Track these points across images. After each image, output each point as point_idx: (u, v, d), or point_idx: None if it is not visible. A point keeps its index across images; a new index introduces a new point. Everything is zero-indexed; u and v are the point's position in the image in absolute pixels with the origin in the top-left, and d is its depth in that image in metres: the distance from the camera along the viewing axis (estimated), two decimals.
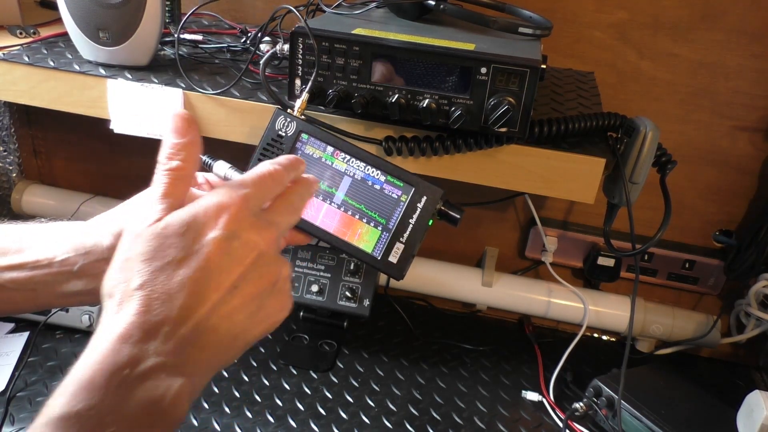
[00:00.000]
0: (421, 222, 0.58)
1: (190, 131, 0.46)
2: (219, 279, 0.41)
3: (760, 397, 0.88)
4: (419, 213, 0.58)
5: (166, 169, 0.44)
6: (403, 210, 0.59)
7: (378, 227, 0.59)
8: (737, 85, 1.01)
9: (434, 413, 0.96)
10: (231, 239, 0.42)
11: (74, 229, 0.55)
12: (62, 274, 0.53)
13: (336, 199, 0.60)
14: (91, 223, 0.55)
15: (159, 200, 0.43)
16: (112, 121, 0.81)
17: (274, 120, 0.63)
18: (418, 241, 0.58)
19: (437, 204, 0.58)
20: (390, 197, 0.59)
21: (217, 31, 1.01)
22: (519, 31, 0.75)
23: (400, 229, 0.59)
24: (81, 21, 0.79)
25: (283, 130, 0.62)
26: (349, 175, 0.60)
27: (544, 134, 0.72)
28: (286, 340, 1.09)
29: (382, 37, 0.68)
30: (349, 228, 0.60)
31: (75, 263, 0.53)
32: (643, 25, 1.00)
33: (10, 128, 1.25)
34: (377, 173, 0.60)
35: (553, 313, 1.14)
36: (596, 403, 0.93)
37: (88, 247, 0.53)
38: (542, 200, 1.15)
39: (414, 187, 0.59)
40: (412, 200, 0.59)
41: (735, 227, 1.10)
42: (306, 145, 0.62)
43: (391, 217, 0.59)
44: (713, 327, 1.10)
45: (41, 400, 0.91)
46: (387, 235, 0.59)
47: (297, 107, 0.66)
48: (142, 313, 0.39)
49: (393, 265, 0.59)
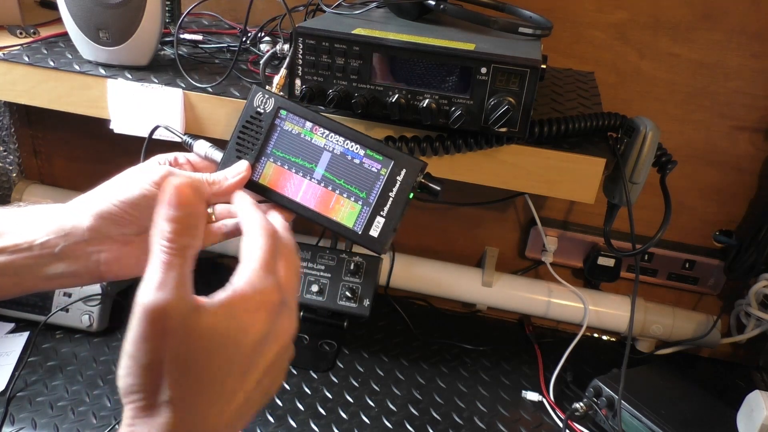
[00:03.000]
0: (402, 195, 0.58)
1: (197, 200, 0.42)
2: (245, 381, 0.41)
3: (760, 397, 0.88)
4: (399, 186, 0.58)
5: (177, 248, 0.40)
6: (383, 183, 0.58)
7: (358, 201, 0.59)
8: (737, 85, 1.01)
9: (434, 413, 0.96)
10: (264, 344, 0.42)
11: (53, 211, 0.55)
12: (43, 257, 0.53)
13: (316, 175, 0.60)
14: (69, 205, 0.55)
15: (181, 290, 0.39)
16: (112, 121, 0.81)
17: (252, 97, 0.62)
18: (399, 214, 0.58)
19: (417, 176, 0.58)
20: (370, 171, 0.59)
21: (217, 31, 1.01)
22: (519, 31, 0.75)
23: (380, 202, 0.58)
24: (81, 21, 0.79)
25: (261, 106, 0.61)
26: (329, 150, 0.60)
27: (545, 134, 0.72)
28: None
29: (383, 37, 0.68)
30: (329, 203, 0.59)
31: (56, 245, 0.53)
32: (643, 25, 1.00)
33: (10, 128, 1.26)
34: (357, 147, 0.59)
35: (553, 313, 1.14)
36: (596, 403, 0.93)
37: (67, 228, 0.53)
38: (542, 200, 1.14)
39: (393, 160, 0.58)
40: (392, 173, 0.58)
41: (735, 227, 1.10)
42: (285, 121, 0.61)
43: (372, 191, 0.58)
44: (713, 327, 1.10)
45: (41, 400, 0.91)
46: (367, 209, 0.58)
47: (275, 83, 0.65)
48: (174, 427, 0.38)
49: (374, 239, 0.58)
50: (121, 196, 0.54)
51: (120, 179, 0.56)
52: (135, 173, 0.55)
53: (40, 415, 0.89)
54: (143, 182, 0.54)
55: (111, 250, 0.55)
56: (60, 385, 0.95)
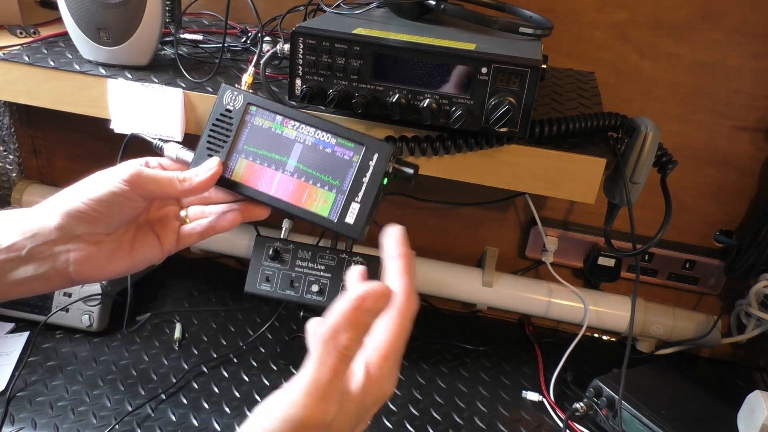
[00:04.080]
0: (375, 180, 0.58)
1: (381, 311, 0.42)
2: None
3: (760, 397, 0.88)
4: (372, 171, 0.58)
5: (350, 356, 0.41)
6: (356, 170, 0.58)
7: (332, 190, 0.59)
8: (738, 85, 1.01)
9: (434, 413, 0.96)
10: None
11: (19, 214, 0.54)
12: (11, 261, 0.52)
13: (288, 167, 0.60)
14: (36, 207, 0.55)
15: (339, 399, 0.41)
16: (112, 120, 0.81)
17: (221, 95, 0.62)
18: (374, 199, 0.58)
19: (389, 160, 0.58)
20: (342, 159, 0.59)
21: (217, 30, 1.01)
22: (519, 31, 0.75)
23: (354, 189, 0.58)
24: (81, 21, 0.79)
25: (231, 104, 0.62)
26: (300, 141, 0.60)
27: (545, 134, 0.72)
28: (286, 340, 1.10)
29: (383, 37, 0.68)
30: (303, 194, 0.60)
31: (23, 247, 0.52)
32: (643, 25, 1.00)
33: (10, 128, 1.25)
34: (327, 137, 0.59)
35: (554, 313, 1.14)
36: (596, 403, 0.93)
37: (34, 229, 0.53)
38: (543, 200, 1.14)
39: (364, 145, 0.58)
40: (364, 159, 0.58)
41: (735, 227, 1.10)
42: (255, 117, 0.62)
43: (345, 179, 0.58)
44: (713, 327, 1.10)
45: (41, 400, 0.91)
46: (342, 197, 0.58)
47: (244, 81, 0.66)
48: None
49: (350, 226, 0.58)
50: (90, 194, 0.54)
51: (89, 179, 0.56)
52: (104, 173, 0.56)
53: (40, 415, 0.89)
54: (113, 180, 0.54)
55: (80, 249, 0.54)
56: (60, 385, 0.95)
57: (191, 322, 1.12)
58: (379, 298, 0.40)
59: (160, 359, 1.02)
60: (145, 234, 0.60)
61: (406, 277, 0.44)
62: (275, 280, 1.01)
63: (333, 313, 0.40)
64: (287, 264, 1.01)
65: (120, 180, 0.54)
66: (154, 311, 1.12)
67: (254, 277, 1.01)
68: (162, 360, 1.02)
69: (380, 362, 0.43)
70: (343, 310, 0.40)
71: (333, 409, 0.39)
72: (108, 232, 0.56)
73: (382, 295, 0.41)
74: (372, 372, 0.42)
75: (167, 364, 1.01)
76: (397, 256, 0.45)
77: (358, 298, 0.40)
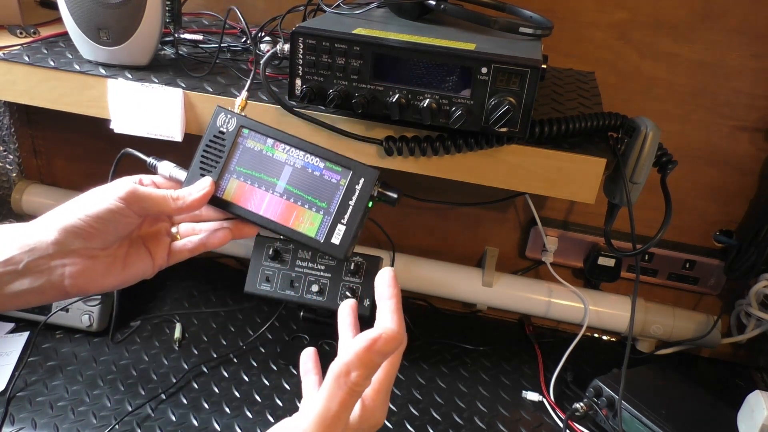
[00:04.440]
0: (361, 203, 0.60)
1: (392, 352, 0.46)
2: None
3: (760, 397, 0.88)
4: (358, 194, 0.60)
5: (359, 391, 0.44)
6: (343, 193, 0.61)
7: (320, 212, 0.61)
8: (738, 85, 1.01)
9: (434, 413, 0.96)
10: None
11: (16, 229, 0.56)
12: (8, 274, 0.54)
13: (278, 188, 0.63)
14: (33, 222, 0.56)
15: None
16: (112, 120, 0.81)
17: (215, 118, 0.64)
18: (360, 221, 0.60)
19: (374, 184, 0.60)
20: (330, 182, 0.61)
21: (217, 30, 1.01)
22: (520, 31, 0.75)
23: (340, 211, 0.61)
24: (81, 21, 0.79)
25: (224, 126, 0.64)
26: (290, 164, 0.62)
27: (545, 134, 0.72)
28: (286, 340, 1.10)
29: (383, 37, 0.68)
30: (291, 215, 0.62)
31: (20, 261, 0.54)
32: (643, 25, 1.00)
33: (10, 128, 1.25)
34: (316, 160, 0.62)
35: (554, 313, 1.14)
36: (596, 403, 0.93)
37: (32, 244, 0.54)
38: (542, 200, 1.14)
39: (351, 170, 0.61)
40: (351, 183, 0.61)
41: (735, 227, 1.10)
42: (247, 139, 0.64)
43: (332, 201, 0.61)
44: (713, 327, 1.10)
45: (41, 400, 0.91)
46: (329, 219, 0.61)
47: (237, 104, 0.68)
48: None
49: (335, 246, 0.61)
50: (87, 210, 0.55)
51: (85, 196, 0.58)
52: (101, 190, 0.57)
53: (40, 415, 0.89)
54: (109, 198, 0.56)
55: (76, 263, 0.56)
56: (60, 385, 0.95)
57: (191, 322, 1.12)
58: (390, 341, 0.44)
59: (160, 359, 1.02)
60: (138, 249, 0.62)
61: (396, 315, 0.48)
62: (275, 280, 1.01)
63: (346, 351, 0.43)
64: (287, 264, 1.01)
65: (116, 197, 0.56)
66: (150, 314, 1.12)
67: (254, 277, 1.02)
68: (162, 360, 1.02)
69: (374, 395, 0.47)
70: (356, 349, 0.43)
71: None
72: (103, 248, 0.58)
73: (393, 339, 0.44)
74: (367, 404, 0.47)
75: (167, 364, 1.01)
76: (389, 296, 0.49)
77: (372, 340, 0.43)
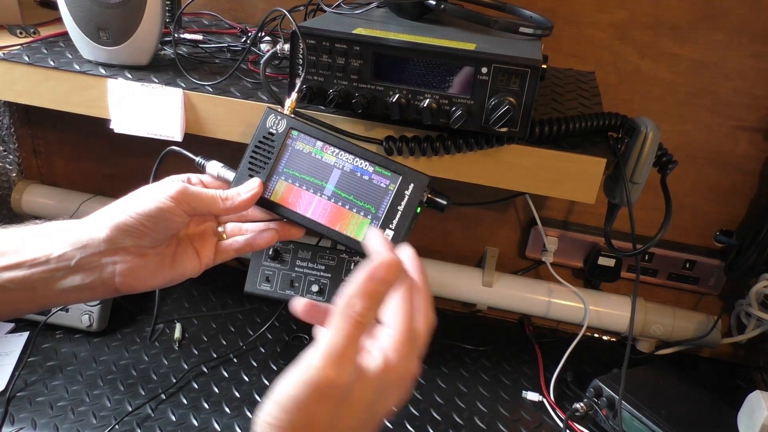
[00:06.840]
0: (409, 209, 0.60)
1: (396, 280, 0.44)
2: None
3: (760, 397, 0.88)
4: (407, 200, 0.60)
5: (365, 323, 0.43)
6: (392, 198, 0.60)
7: (368, 216, 0.61)
8: (738, 85, 1.01)
9: (434, 413, 0.96)
10: None
11: (70, 225, 0.56)
12: (60, 270, 0.54)
13: (326, 191, 0.62)
14: (86, 219, 0.57)
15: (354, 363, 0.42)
16: (112, 120, 0.81)
17: (265, 118, 0.64)
18: (408, 227, 0.60)
19: (424, 191, 0.60)
20: (378, 187, 0.61)
21: (217, 30, 1.01)
22: (520, 31, 0.75)
23: (389, 216, 0.60)
24: (81, 21, 0.79)
25: (273, 127, 0.64)
26: (339, 167, 0.62)
27: (545, 134, 0.72)
28: (286, 340, 1.10)
29: (383, 37, 0.68)
30: (339, 218, 0.62)
31: (72, 257, 0.54)
32: (643, 25, 1.00)
33: (10, 128, 1.25)
34: (366, 164, 0.61)
35: (554, 313, 1.14)
36: (597, 403, 0.93)
37: (84, 240, 0.55)
38: (543, 200, 1.14)
39: (401, 175, 0.60)
40: (400, 188, 0.60)
41: (735, 227, 1.10)
42: (296, 141, 0.64)
43: (380, 206, 0.61)
44: (714, 327, 1.10)
45: (41, 400, 0.91)
46: (376, 223, 0.61)
47: (287, 106, 0.67)
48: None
49: None
50: (138, 208, 0.56)
51: (136, 194, 0.58)
52: (151, 188, 0.58)
53: (40, 415, 0.89)
54: (159, 196, 0.56)
55: (126, 261, 0.56)
56: (60, 385, 0.95)
57: (191, 322, 1.12)
58: (388, 267, 0.43)
59: (160, 359, 1.02)
60: (186, 248, 0.63)
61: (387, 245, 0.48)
62: (275, 280, 1.01)
63: (350, 285, 0.43)
64: (287, 264, 1.01)
65: (167, 196, 0.56)
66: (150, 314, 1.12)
67: (254, 277, 1.01)
68: (162, 360, 1.02)
69: (396, 345, 0.44)
70: (356, 281, 0.43)
71: (347, 372, 0.41)
72: (152, 246, 0.58)
73: (390, 264, 0.44)
74: (389, 355, 0.44)
75: (167, 364, 1.01)
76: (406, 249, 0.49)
77: (370, 269, 0.43)
